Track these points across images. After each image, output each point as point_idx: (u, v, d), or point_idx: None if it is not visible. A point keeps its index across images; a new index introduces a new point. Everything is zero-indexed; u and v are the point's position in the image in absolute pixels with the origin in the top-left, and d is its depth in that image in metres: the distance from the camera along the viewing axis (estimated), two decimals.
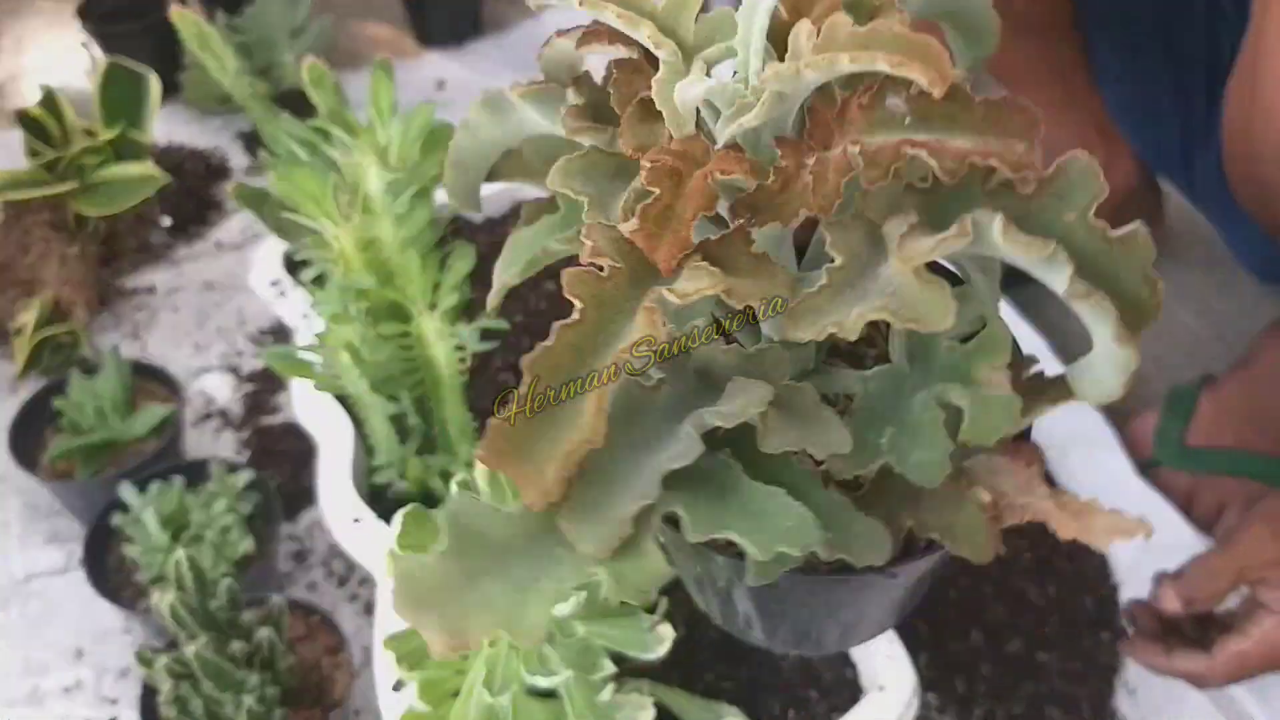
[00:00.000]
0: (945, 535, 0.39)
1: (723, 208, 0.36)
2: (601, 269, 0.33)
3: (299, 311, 0.80)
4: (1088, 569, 0.85)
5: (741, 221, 0.34)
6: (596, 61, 0.40)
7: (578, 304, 0.33)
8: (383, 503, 0.71)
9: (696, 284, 0.33)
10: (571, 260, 0.36)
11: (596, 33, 0.38)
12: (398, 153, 0.55)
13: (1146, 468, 0.90)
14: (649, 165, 0.34)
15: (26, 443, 0.89)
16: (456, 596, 0.33)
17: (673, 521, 0.35)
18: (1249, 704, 0.76)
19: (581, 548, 0.33)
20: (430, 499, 0.69)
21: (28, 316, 1.00)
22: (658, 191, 0.34)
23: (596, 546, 0.33)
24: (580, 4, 0.35)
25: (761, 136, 0.36)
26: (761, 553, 0.33)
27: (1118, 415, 0.97)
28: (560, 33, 0.40)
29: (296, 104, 1.28)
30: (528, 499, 0.32)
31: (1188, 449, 0.90)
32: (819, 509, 0.34)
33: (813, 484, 0.36)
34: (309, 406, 0.72)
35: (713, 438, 0.35)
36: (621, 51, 0.37)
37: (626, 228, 0.34)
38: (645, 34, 0.35)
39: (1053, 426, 0.93)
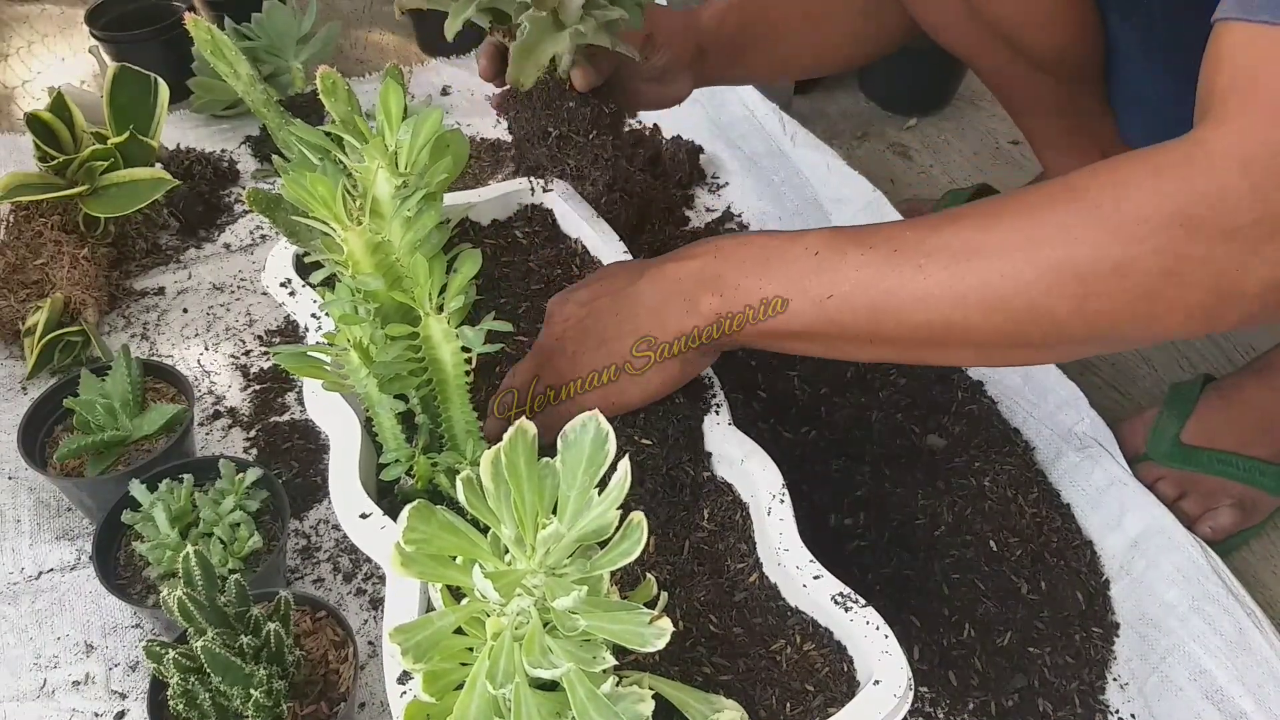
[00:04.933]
0: None
1: None
2: None
3: (309, 311, 0.81)
4: (1078, 564, 0.87)
5: None
6: None
7: None
8: (390, 499, 0.72)
9: None
10: None
11: None
12: (406, 157, 0.56)
13: (1136, 462, 0.91)
14: None
15: (37, 441, 0.90)
16: None
17: None
18: (1244, 701, 0.78)
19: None
20: (437, 495, 0.71)
21: (38, 317, 1.02)
22: None
23: None
24: None
25: None
26: None
27: (1112, 415, 0.98)
28: None
29: (303, 110, 1.30)
30: None
31: (1181, 446, 0.92)
32: None
33: None
34: (319, 404, 0.74)
35: None
36: None
37: None
38: None
39: (1047, 426, 0.95)
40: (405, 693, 0.60)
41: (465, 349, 0.63)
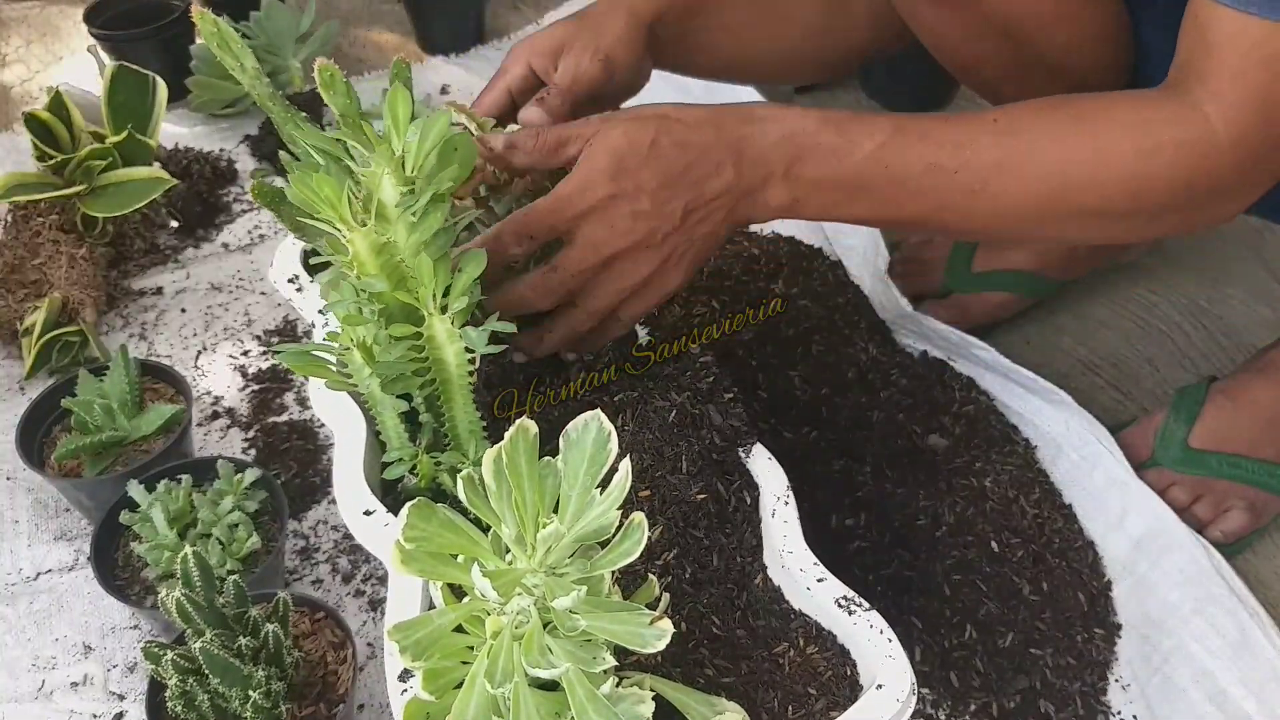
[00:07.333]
0: None
1: None
2: None
3: (315, 307, 0.81)
4: (1080, 565, 0.86)
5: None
6: None
7: None
8: (395, 496, 0.72)
9: None
10: None
11: None
12: (414, 161, 0.56)
13: (1143, 468, 0.91)
14: None
15: (35, 441, 0.90)
16: None
17: None
18: (1247, 703, 0.77)
19: None
20: (440, 495, 0.70)
21: (36, 317, 1.01)
22: None
23: None
24: None
25: None
26: None
27: (1115, 416, 0.98)
28: None
29: (302, 108, 1.29)
30: None
31: (1190, 451, 0.91)
32: None
33: None
34: (324, 402, 0.74)
35: None
36: None
37: None
38: None
39: (1047, 427, 0.94)
40: (406, 690, 0.59)
41: (469, 349, 0.63)
